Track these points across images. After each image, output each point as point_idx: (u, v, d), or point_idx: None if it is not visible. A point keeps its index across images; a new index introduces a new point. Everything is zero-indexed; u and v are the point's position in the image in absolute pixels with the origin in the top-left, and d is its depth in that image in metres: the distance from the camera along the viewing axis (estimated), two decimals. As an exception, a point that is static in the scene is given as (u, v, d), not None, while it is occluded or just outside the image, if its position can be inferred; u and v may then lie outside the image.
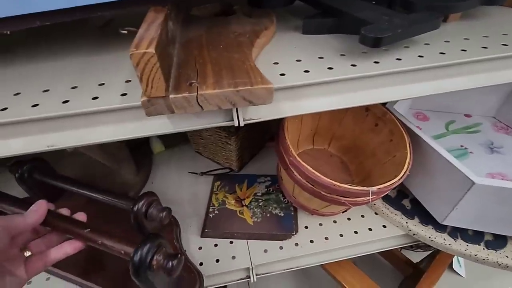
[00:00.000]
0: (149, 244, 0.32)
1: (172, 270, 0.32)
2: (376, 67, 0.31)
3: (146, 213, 0.41)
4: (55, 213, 0.35)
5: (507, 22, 0.41)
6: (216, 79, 0.25)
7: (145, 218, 0.41)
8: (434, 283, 0.63)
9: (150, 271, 0.32)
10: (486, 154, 0.58)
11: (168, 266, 0.32)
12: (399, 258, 0.81)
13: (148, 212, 0.41)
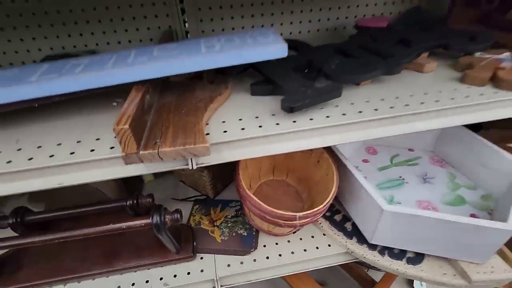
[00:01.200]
0: (157, 211, 0.50)
1: (178, 220, 0.50)
2: (294, 125, 0.43)
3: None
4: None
5: (400, 85, 0.53)
6: (172, 139, 0.38)
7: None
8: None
9: (165, 226, 0.50)
10: (419, 184, 0.69)
11: (175, 218, 0.49)
12: (361, 275, 0.90)
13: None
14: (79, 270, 0.57)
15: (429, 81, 0.54)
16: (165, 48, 0.46)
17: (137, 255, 0.59)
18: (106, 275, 0.58)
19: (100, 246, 0.61)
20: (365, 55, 0.56)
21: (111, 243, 0.61)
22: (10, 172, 0.38)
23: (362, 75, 0.50)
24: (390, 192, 0.67)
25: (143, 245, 0.60)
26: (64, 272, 0.57)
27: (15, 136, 0.44)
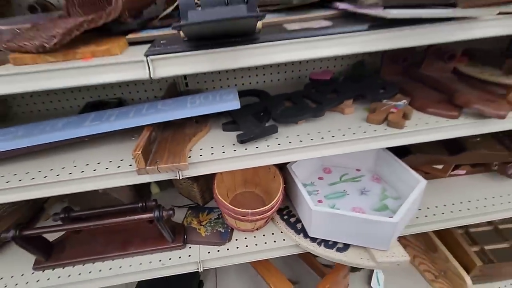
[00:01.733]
0: (157, 208, 0.72)
1: (171, 214, 0.72)
2: (244, 152, 0.67)
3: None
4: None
5: (329, 123, 0.77)
6: (166, 160, 0.63)
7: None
8: (329, 282, 0.90)
9: (163, 218, 0.71)
10: (357, 196, 0.90)
11: (169, 213, 0.72)
12: (317, 265, 1.09)
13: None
14: (103, 253, 0.81)
15: (345, 120, 0.77)
16: (164, 103, 0.72)
17: (144, 243, 0.83)
18: (122, 257, 0.82)
19: (118, 237, 0.85)
20: (304, 102, 0.81)
21: (126, 235, 0.85)
22: (71, 179, 0.63)
23: (295, 118, 0.75)
24: (333, 201, 0.88)
25: (148, 237, 0.84)
26: (93, 254, 0.81)
27: (72, 158, 0.70)
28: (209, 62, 0.53)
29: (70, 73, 0.51)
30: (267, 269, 0.94)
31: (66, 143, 0.68)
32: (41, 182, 0.62)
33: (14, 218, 0.87)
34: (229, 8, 0.46)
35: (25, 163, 0.68)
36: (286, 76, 1.07)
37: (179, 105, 0.70)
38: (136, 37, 0.60)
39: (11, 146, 0.64)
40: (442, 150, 0.97)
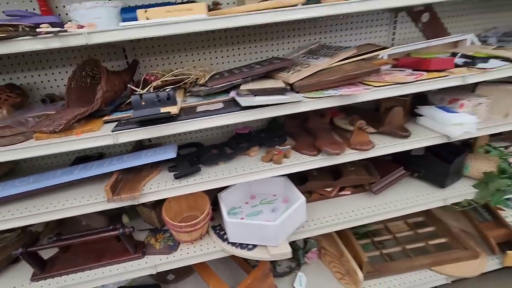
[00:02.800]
0: (121, 226, 1.06)
1: (132, 231, 1.06)
2: (179, 184, 1.06)
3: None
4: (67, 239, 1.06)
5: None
6: (126, 192, 1.01)
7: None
8: (251, 278, 1.22)
9: (125, 234, 1.04)
10: (269, 213, 1.27)
11: (131, 230, 1.05)
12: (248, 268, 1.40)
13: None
14: (83, 265, 1.12)
15: (250, 161, 1.18)
16: (128, 156, 1.12)
17: (113, 256, 1.15)
18: (97, 267, 1.13)
19: (94, 253, 1.16)
20: (225, 150, 1.23)
21: (100, 251, 1.16)
22: (62, 209, 0.99)
23: (216, 161, 1.15)
24: (251, 217, 1.25)
25: (117, 252, 1.16)
26: (76, 266, 1.12)
27: (67, 195, 1.06)
28: (148, 133, 0.94)
29: (69, 143, 0.90)
30: (209, 274, 1.26)
31: (63, 186, 1.05)
32: (37, 212, 0.98)
33: (18, 244, 1.19)
34: (151, 109, 0.88)
35: (34, 201, 1.04)
36: (219, 131, 1.50)
37: (136, 157, 1.09)
38: (108, 119, 1.01)
39: (26, 189, 1.01)
40: (329, 177, 1.37)
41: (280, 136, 1.29)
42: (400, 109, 1.23)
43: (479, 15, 1.53)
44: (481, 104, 1.23)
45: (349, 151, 1.14)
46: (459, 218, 1.64)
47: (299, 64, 1.17)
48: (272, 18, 0.90)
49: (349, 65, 1.11)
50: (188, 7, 0.91)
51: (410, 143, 1.19)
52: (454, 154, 1.34)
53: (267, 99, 0.99)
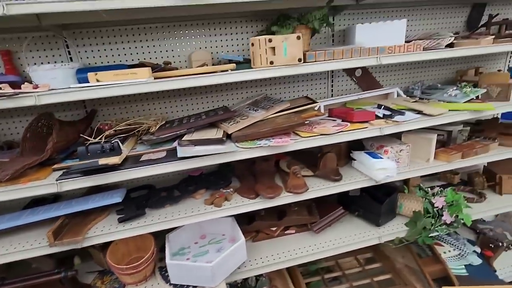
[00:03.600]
0: (64, 270, 1.09)
1: (75, 274, 1.10)
2: (123, 227, 1.13)
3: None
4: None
5: (185, 205, 1.26)
6: (69, 236, 1.07)
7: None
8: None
9: (67, 277, 1.07)
10: (214, 253, 1.34)
11: (73, 273, 1.09)
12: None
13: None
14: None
15: (195, 203, 1.27)
16: (77, 200, 1.19)
17: (57, 300, 1.17)
18: (38, 312, 1.15)
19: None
20: (173, 192, 1.31)
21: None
22: (4, 254, 1.04)
23: (162, 204, 1.24)
24: (196, 258, 1.31)
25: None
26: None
27: (11, 240, 1.11)
28: (92, 181, 1.03)
29: (14, 192, 0.98)
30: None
31: (10, 230, 1.10)
32: (-14, 256, 1.02)
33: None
34: (90, 161, 0.99)
35: (-22, 245, 1.08)
36: (174, 173, 1.60)
37: (84, 202, 1.17)
38: (58, 166, 1.10)
39: (-29, 234, 1.05)
40: (274, 217, 1.47)
41: (226, 179, 1.39)
42: (332, 155, 1.38)
43: (407, 70, 1.76)
44: (402, 150, 1.39)
45: (285, 194, 1.26)
46: (405, 254, 1.73)
47: (240, 115, 1.32)
48: (203, 82, 1.05)
49: (281, 118, 1.26)
50: (133, 71, 1.05)
51: (341, 186, 1.32)
52: (387, 195, 1.48)
53: (205, 149, 1.11)
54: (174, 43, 1.38)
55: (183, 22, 1.36)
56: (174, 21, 1.34)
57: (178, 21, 1.35)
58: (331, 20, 1.52)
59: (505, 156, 1.51)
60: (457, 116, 1.33)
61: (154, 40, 1.36)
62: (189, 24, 1.37)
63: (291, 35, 1.09)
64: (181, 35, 1.38)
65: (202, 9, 1.06)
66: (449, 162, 1.43)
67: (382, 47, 1.20)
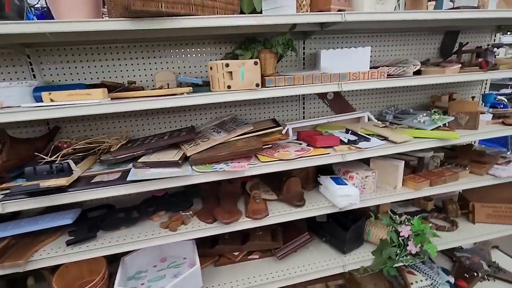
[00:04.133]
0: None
1: None
2: (71, 251, 1.09)
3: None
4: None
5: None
6: (12, 260, 1.03)
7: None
8: None
9: None
10: (170, 278, 1.29)
11: None
12: None
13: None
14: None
15: (151, 226, 1.23)
16: (27, 221, 1.16)
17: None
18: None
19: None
20: (132, 213, 1.28)
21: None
22: None
23: (116, 226, 1.20)
24: (151, 283, 1.26)
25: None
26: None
27: (-48, 261, 1.07)
28: (38, 203, 1.00)
29: (-48, 213, 0.95)
30: None
31: (-50, 250, 1.06)
32: None
33: None
34: (31, 184, 0.97)
35: None
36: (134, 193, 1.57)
37: (33, 222, 1.14)
38: (6, 186, 1.07)
39: None
40: (238, 241, 1.43)
41: (188, 201, 1.36)
42: (296, 180, 1.35)
43: (381, 94, 1.76)
44: (368, 177, 1.37)
45: (244, 220, 1.22)
46: (378, 282, 1.68)
47: (202, 137, 1.30)
48: (156, 105, 1.03)
49: (242, 141, 1.24)
50: (88, 92, 1.04)
51: (304, 212, 1.29)
52: (355, 221, 1.44)
53: (159, 172, 1.09)
54: (140, 62, 1.38)
55: (149, 42, 1.36)
56: (140, 42, 1.34)
57: (144, 42, 1.35)
58: (301, 44, 1.54)
59: (474, 185, 1.48)
60: (423, 143, 1.32)
61: (121, 60, 1.36)
62: (156, 45, 1.37)
63: (248, 60, 1.09)
64: (148, 54, 1.38)
65: (159, 33, 1.06)
66: (417, 190, 1.40)
67: (344, 74, 1.20)
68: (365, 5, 1.22)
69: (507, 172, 1.51)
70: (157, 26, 0.95)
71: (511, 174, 1.49)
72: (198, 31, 1.20)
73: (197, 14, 1.00)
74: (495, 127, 1.47)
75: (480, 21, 1.56)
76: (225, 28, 1.08)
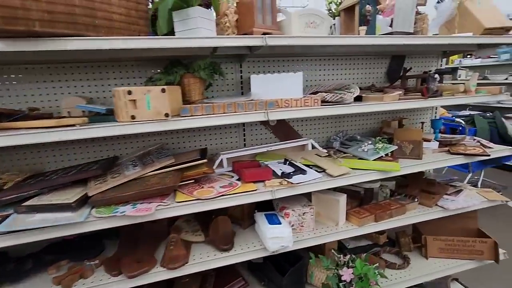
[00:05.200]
0: None
1: None
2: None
3: None
4: None
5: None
6: None
7: None
8: None
9: None
10: None
11: None
12: None
13: None
14: None
15: (46, 280, 1.03)
16: None
17: None
18: None
19: None
20: (26, 263, 1.07)
21: None
22: None
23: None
24: None
25: None
26: None
27: None
28: None
29: None
30: None
31: None
32: None
33: None
34: None
35: None
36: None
37: None
38: None
39: None
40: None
41: (100, 245, 1.17)
42: (225, 218, 1.20)
43: (330, 119, 1.67)
44: (306, 213, 1.24)
45: (157, 270, 1.05)
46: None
47: (114, 171, 1.13)
48: (42, 138, 0.86)
49: (157, 177, 1.08)
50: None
51: (231, 257, 1.12)
52: (295, 262, 1.29)
53: (44, 218, 0.91)
54: (49, 86, 1.21)
55: (60, 64, 1.20)
56: (43, 63, 1.19)
57: (55, 64, 1.20)
58: (238, 68, 1.43)
59: (422, 218, 1.39)
60: (362, 176, 1.21)
61: (24, 83, 1.18)
62: (68, 67, 1.22)
63: (154, 87, 0.95)
64: (58, 77, 1.22)
65: (59, 55, 0.92)
66: (360, 227, 1.28)
67: (271, 101, 1.09)
68: (294, 28, 1.14)
69: (456, 203, 1.42)
70: (30, 48, 0.80)
71: (460, 206, 1.41)
72: (111, 54, 1.07)
73: (87, 35, 0.87)
74: (440, 156, 1.40)
75: (422, 46, 1.52)
76: (138, 51, 0.95)
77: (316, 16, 1.19)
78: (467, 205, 1.42)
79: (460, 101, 1.35)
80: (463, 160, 1.38)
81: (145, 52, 1.03)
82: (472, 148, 1.43)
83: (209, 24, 1.02)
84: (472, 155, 1.36)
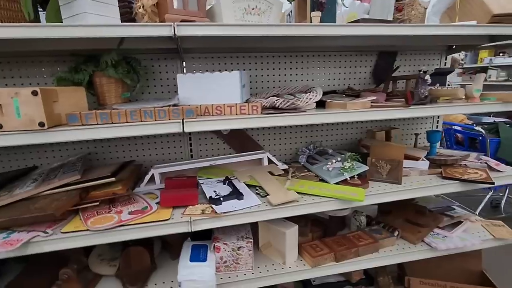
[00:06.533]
0: None
1: None
2: None
3: None
4: None
5: None
6: None
7: None
8: None
9: None
10: None
11: None
12: None
13: None
14: None
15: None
16: None
17: None
18: None
19: None
20: None
21: None
22: None
23: None
24: None
25: None
26: None
27: None
28: None
29: None
30: None
31: None
32: None
33: None
34: None
35: None
36: None
37: None
38: None
39: None
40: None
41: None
42: (140, 251, 0.98)
43: (302, 127, 1.40)
44: (241, 248, 0.99)
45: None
46: None
47: (13, 187, 0.95)
48: None
49: (50, 198, 0.89)
50: None
51: (138, 300, 0.91)
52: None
53: None
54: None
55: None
56: None
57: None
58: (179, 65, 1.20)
59: (401, 259, 1.09)
60: (313, 206, 0.94)
61: None
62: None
63: (23, 89, 0.75)
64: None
65: None
66: (313, 267, 1.01)
67: (190, 109, 0.85)
68: (225, 15, 0.89)
69: (448, 242, 1.10)
70: None
71: (452, 246, 1.09)
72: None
73: None
74: (428, 180, 1.09)
75: (419, 40, 1.21)
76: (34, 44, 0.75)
77: (260, 0, 0.93)
78: (463, 245, 1.10)
79: (455, 110, 1.03)
80: (457, 188, 1.06)
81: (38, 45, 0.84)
82: (473, 171, 1.11)
83: (105, 9, 0.80)
84: (471, 182, 1.04)
